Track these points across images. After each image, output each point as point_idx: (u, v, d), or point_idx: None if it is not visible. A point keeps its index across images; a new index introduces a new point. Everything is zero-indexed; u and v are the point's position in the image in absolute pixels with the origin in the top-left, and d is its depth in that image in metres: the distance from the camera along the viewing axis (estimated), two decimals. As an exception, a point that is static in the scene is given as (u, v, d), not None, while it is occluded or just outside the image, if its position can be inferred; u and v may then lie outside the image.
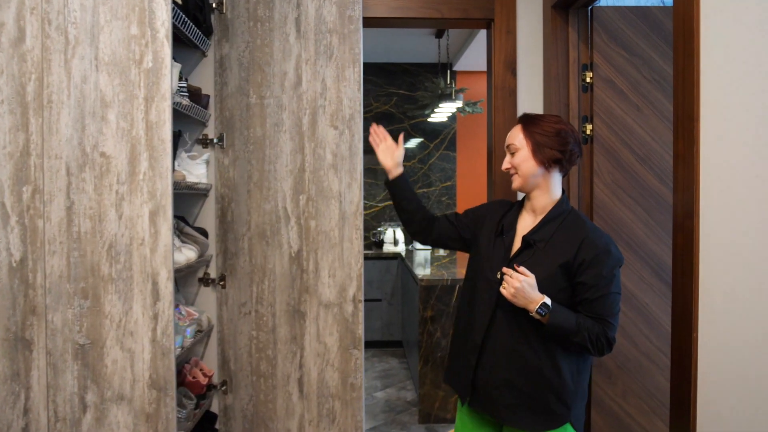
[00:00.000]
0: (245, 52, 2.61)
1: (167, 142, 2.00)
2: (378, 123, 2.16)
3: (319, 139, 2.59)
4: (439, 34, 5.11)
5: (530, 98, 2.81)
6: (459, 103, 4.95)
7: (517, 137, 1.82)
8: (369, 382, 4.84)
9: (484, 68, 6.06)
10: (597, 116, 2.60)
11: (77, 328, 2.02)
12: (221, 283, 2.67)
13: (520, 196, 2.12)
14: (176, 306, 2.46)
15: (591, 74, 2.62)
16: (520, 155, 1.80)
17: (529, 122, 1.82)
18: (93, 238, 2.01)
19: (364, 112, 5.91)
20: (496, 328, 1.77)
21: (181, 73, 2.39)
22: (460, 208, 6.22)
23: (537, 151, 1.78)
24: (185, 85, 2.37)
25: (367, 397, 4.54)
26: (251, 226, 2.63)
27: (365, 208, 6.10)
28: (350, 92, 2.58)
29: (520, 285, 1.65)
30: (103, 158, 2.00)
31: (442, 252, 5.73)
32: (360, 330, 2.61)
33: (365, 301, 5.57)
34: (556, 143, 1.77)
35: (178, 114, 2.63)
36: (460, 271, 4.39)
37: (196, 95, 2.48)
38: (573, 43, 2.63)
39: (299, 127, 2.60)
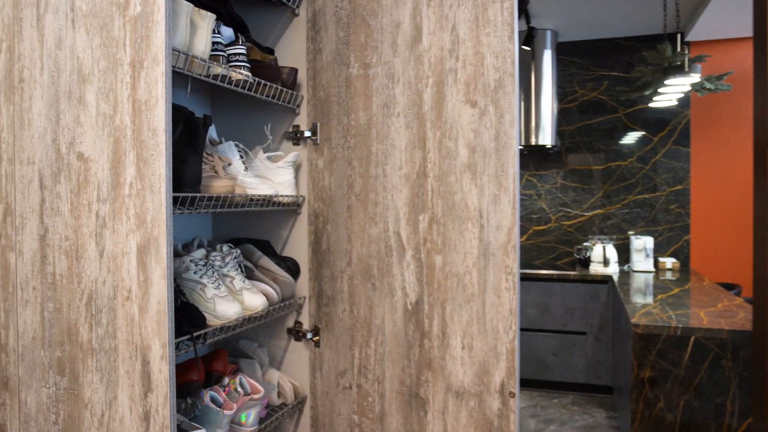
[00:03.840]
0: (344, 1, 1.69)
1: (161, 134, 1.16)
2: (585, 113, 1.06)
3: (448, 123, 1.56)
4: (667, -9, 3.66)
5: None
6: (695, 78, 3.46)
7: None
8: (563, 445, 3.61)
9: (734, 35, 4.36)
10: None
11: (53, 417, 1.28)
12: (315, 338, 1.78)
13: None
14: (236, 372, 1.63)
15: None
16: None
17: None
18: (70, 285, 1.26)
19: (566, 100, 4.62)
20: None
21: (238, 33, 1.54)
22: (696, 217, 4.58)
23: None
24: (243, 50, 1.52)
25: (557, 471, 3.34)
26: (352, 260, 1.70)
27: (567, 218, 4.79)
28: (497, 44, 1.50)
29: None
30: (80, 161, 1.23)
31: (669, 275, 4.21)
32: (513, 436, 1.51)
33: (564, 332, 4.31)
34: None
35: (228, 94, 1.81)
36: (696, 312, 2.96)
37: (267, 68, 1.62)
38: None
39: (418, 107, 1.60)
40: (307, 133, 1.77)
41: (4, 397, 1.33)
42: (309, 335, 1.79)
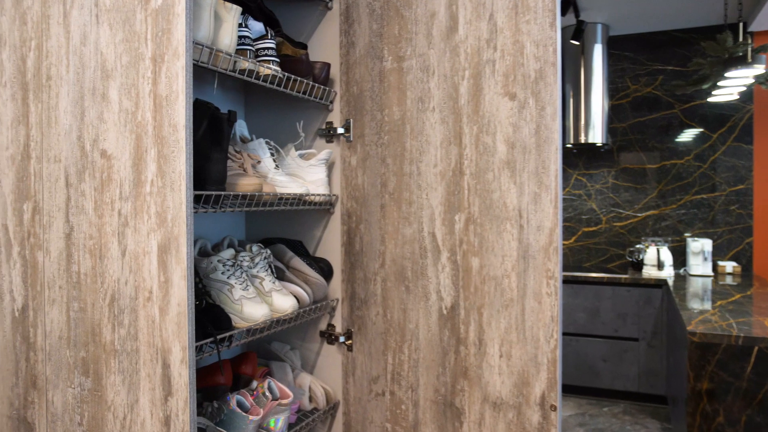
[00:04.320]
0: (378, -8, 1.62)
1: (181, 129, 1.12)
2: (638, 110, 0.96)
3: (486, 118, 1.47)
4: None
5: None
6: (759, 69, 3.22)
7: None
8: (614, 456, 3.43)
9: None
10: None
11: (78, 417, 1.26)
12: (347, 342, 1.71)
13: None
14: (266, 375, 1.58)
15: None
16: None
17: None
18: (93, 284, 1.23)
19: (617, 97, 4.41)
20: None
21: (268, 27, 1.49)
22: (760, 219, 4.29)
23: None
24: (273, 44, 1.47)
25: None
26: (386, 261, 1.63)
27: (619, 218, 4.56)
28: (537, 32, 1.39)
29: None
30: (103, 159, 1.21)
31: (730, 280, 3.96)
32: (555, 452, 1.41)
33: (615, 338, 4.11)
34: None
35: (260, 92, 1.77)
36: (759, 320, 2.74)
37: (298, 63, 1.57)
38: None
39: (454, 101, 1.51)
40: (340, 130, 1.71)
41: (33, 395, 1.32)
42: (342, 339, 1.73)
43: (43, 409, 1.31)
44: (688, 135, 4.43)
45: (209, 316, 1.33)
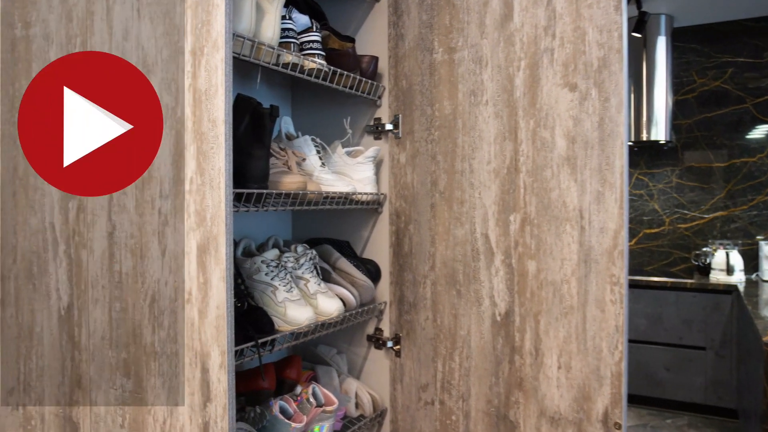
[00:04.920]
0: (428, -20, 1.53)
1: (221, 125, 1.07)
2: (705, 105, 0.87)
3: (543, 111, 1.36)
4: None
5: None
6: None
7: None
8: (678, 472, 3.22)
9: None
10: None
11: (119, 419, 1.23)
12: (396, 347, 1.64)
13: None
14: (311, 380, 1.52)
15: None
16: None
17: None
18: (135, 285, 1.20)
19: (682, 92, 4.15)
20: None
21: (312, 20, 1.43)
22: (842, 222, 3.94)
23: None
24: (318, 37, 1.41)
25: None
26: (436, 264, 1.54)
27: (684, 220, 4.30)
28: (600, 16, 1.28)
29: None
30: (144, 157, 1.17)
31: (807, 287, 3.66)
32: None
33: (680, 346, 3.87)
34: None
35: (308, 89, 1.71)
36: None
37: (344, 57, 1.50)
38: None
39: (509, 93, 1.40)
40: (389, 126, 1.63)
41: (77, 395, 1.31)
42: (389, 344, 1.65)
43: (87, 409, 1.29)
44: (760, 131, 4.13)
45: (251, 319, 1.28)
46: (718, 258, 4.01)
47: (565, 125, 1.32)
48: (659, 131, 4.07)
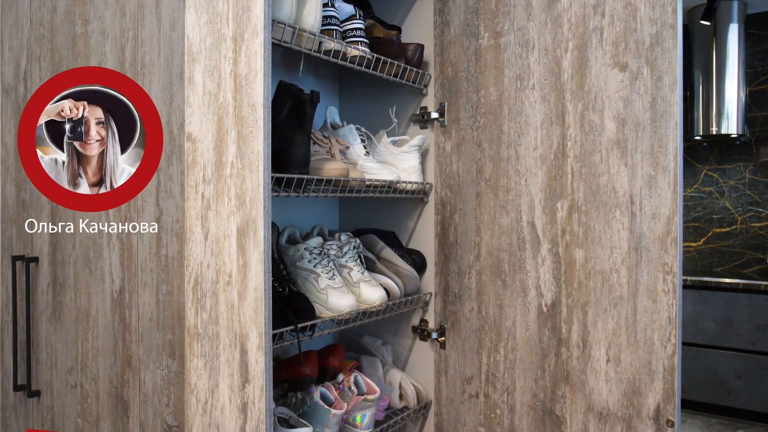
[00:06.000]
0: (473, -35, 1.50)
1: (260, 108, 1.08)
2: None
3: (592, 93, 1.30)
4: None
5: None
6: None
7: None
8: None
9: None
10: None
11: (165, 399, 1.27)
12: (440, 339, 1.61)
13: None
14: (354, 369, 1.51)
15: None
16: None
17: None
18: (179, 268, 1.23)
19: (757, 82, 3.89)
20: None
21: (356, 8, 1.43)
22: None
23: None
24: (361, 24, 1.40)
25: None
26: (481, 253, 1.50)
27: (758, 219, 4.02)
28: (653, -9, 1.21)
29: None
30: (189, 142, 1.20)
31: None
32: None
33: (753, 352, 3.63)
34: None
35: (354, 79, 1.71)
36: None
37: (389, 45, 1.49)
38: None
39: (556, 77, 1.35)
40: (434, 114, 1.61)
41: (128, 374, 1.35)
42: (434, 335, 1.62)
43: (136, 388, 1.33)
44: None
45: (291, 304, 1.28)
46: (797, 259, 3.74)
47: (615, 107, 1.25)
48: (730, 124, 3.84)
